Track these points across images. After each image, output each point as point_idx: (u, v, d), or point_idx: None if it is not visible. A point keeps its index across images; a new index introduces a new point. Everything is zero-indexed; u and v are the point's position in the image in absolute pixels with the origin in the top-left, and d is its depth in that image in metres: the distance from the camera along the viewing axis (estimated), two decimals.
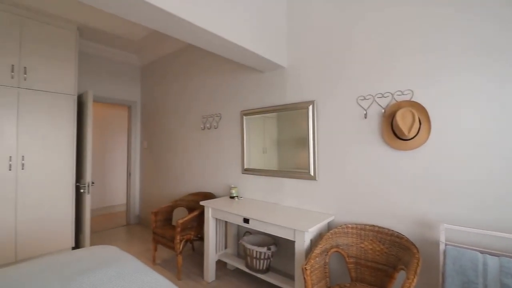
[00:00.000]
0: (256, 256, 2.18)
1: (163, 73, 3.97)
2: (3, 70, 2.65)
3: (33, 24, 2.85)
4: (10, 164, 2.68)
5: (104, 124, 5.21)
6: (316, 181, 2.20)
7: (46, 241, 2.90)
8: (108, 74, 4.08)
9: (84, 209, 3.06)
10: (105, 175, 5.21)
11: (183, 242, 2.56)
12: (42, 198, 2.88)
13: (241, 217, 2.15)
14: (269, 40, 2.25)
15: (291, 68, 2.41)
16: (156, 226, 2.82)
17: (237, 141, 2.85)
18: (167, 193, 3.80)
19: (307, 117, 2.23)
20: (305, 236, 1.76)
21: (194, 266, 2.79)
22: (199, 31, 1.74)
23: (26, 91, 2.79)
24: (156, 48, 3.93)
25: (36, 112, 2.84)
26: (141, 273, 1.34)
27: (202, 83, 3.29)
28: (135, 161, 4.40)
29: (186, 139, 3.50)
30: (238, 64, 2.85)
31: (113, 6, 1.45)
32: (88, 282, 1.26)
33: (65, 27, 3.08)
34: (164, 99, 3.94)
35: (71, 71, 3.11)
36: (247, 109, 2.75)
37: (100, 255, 1.60)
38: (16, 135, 2.72)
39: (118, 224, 4.40)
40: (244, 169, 2.73)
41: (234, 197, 2.66)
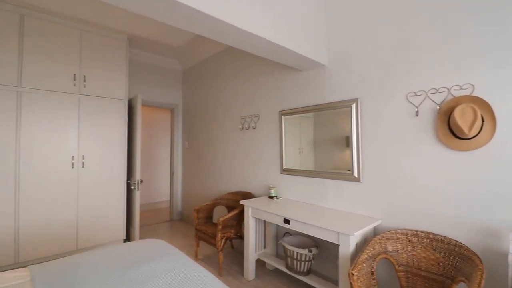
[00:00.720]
0: (296, 257, 2.15)
1: (203, 76, 4.13)
2: (67, 79, 2.98)
3: (90, 36, 3.17)
4: (72, 163, 3.00)
5: (149, 126, 5.60)
6: (360, 183, 2.10)
7: (102, 233, 3.20)
8: (153, 79, 4.36)
9: (134, 204, 3.31)
10: (150, 173, 5.59)
11: (223, 240, 2.63)
12: (99, 194, 3.18)
13: (281, 217, 2.14)
14: (308, 38, 2.20)
15: (332, 65, 2.33)
16: (198, 223, 2.94)
17: (275, 141, 2.84)
18: (207, 191, 3.94)
19: (349, 116, 2.14)
20: (350, 240, 1.69)
21: (234, 263, 2.86)
22: (240, 33, 1.77)
23: (85, 97, 3.11)
24: (196, 52, 4.10)
25: (93, 116, 3.15)
26: (191, 268, 1.41)
27: (241, 84, 3.36)
28: (178, 160, 4.64)
29: (225, 139, 3.60)
30: (277, 63, 2.84)
31: (160, 14, 1.54)
32: (143, 272, 1.36)
33: (117, 38, 3.37)
34: (203, 101, 4.09)
35: (122, 78, 3.39)
36: (285, 109, 2.73)
37: (152, 248, 1.71)
38: (77, 137, 3.04)
39: (162, 220, 4.69)
40: (282, 169, 2.72)
41: (273, 197, 2.66)
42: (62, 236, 2.93)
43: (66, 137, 2.97)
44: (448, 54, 1.69)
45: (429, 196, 1.75)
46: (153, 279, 1.28)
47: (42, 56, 2.83)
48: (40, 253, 2.79)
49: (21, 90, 2.71)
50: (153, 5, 1.42)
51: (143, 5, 1.44)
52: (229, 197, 3.18)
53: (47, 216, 2.83)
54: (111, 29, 3.27)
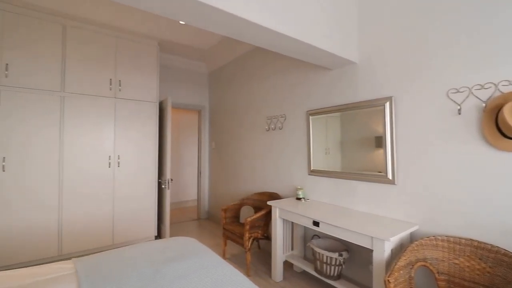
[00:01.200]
0: (326, 261, 2.10)
1: (228, 78, 4.19)
2: (104, 83, 3.17)
3: (125, 43, 3.34)
4: (109, 162, 3.19)
5: (177, 127, 5.79)
6: (395, 186, 2.00)
7: (135, 229, 3.36)
8: (181, 82, 4.50)
9: (164, 203, 3.44)
10: (178, 173, 5.78)
11: (251, 240, 2.64)
12: (132, 192, 3.35)
13: (310, 219, 2.10)
14: (339, 35, 2.14)
15: (364, 63, 2.25)
16: (226, 223, 2.99)
17: (303, 141, 2.80)
18: (233, 191, 3.99)
19: (383, 115, 2.05)
20: (385, 245, 1.61)
21: (261, 264, 2.86)
22: (269, 34, 1.76)
23: (120, 100, 3.28)
24: (222, 55, 4.17)
25: (127, 118, 3.32)
26: (222, 267, 1.43)
27: (267, 84, 3.35)
28: (205, 160, 4.75)
29: (251, 140, 3.62)
30: (305, 63, 2.80)
31: (191, 18, 1.58)
32: (177, 269, 1.41)
33: (149, 43, 3.53)
34: (229, 102, 4.15)
35: (153, 81, 3.54)
36: (313, 109, 2.68)
37: (185, 246, 1.76)
38: (113, 138, 3.23)
39: (190, 218, 4.82)
40: (310, 170, 2.67)
41: (301, 199, 2.62)
42: (99, 232, 3.12)
43: (103, 138, 3.16)
44: (494, 47, 1.55)
45: (472, 200, 1.62)
46: (187, 276, 1.32)
47: (82, 62, 3.04)
48: (80, 246, 3.00)
49: (64, 95, 2.93)
50: (189, 11, 1.47)
51: (181, 12, 1.48)
52: (255, 198, 3.19)
53: (86, 212, 3.03)
54: (144, 35, 3.43)
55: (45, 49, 2.83)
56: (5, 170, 2.60)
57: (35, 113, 2.76)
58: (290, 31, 1.77)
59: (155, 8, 1.46)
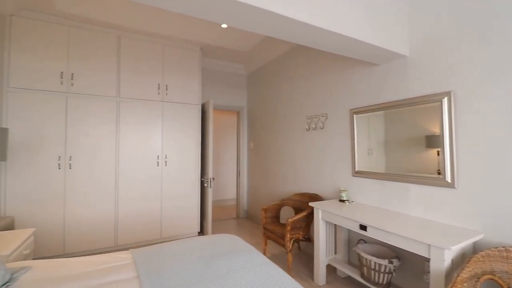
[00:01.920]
0: (374, 267, 1.98)
1: (266, 79, 4.21)
2: (153, 88, 3.41)
3: (170, 50, 3.56)
4: (158, 161, 3.42)
5: (216, 128, 5.99)
6: (454, 189, 1.81)
7: (181, 225, 3.55)
8: (221, 84, 4.64)
9: (207, 200, 3.58)
10: (217, 172, 5.98)
11: (292, 241, 2.61)
12: (178, 190, 3.55)
13: (356, 223, 2.01)
14: (387, 27, 2.01)
15: (415, 55, 2.08)
16: (266, 222, 3.00)
17: (346, 141, 2.69)
18: (272, 191, 3.99)
19: (440, 112, 1.87)
20: (445, 254, 1.47)
21: (302, 265, 2.81)
22: (314, 31, 1.73)
23: (167, 103, 3.50)
24: (260, 56, 4.20)
25: (173, 120, 3.53)
26: (267, 266, 1.44)
27: (306, 83, 3.29)
28: (243, 160, 4.84)
29: (290, 140, 3.58)
30: (349, 59, 2.69)
31: (235, 21, 1.62)
32: (224, 265, 1.45)
33: (192, 49, 3.70)
34: (267, 103, 4.16)
35: (196, 85, 3.71)
36: (357, 107, 2.56)
37: (229, 243, 1.81)
38: (161, 139, 3.45)
39: (229, 216, 4.94)
40: (355, 171, 2.55)
41: (345, 201, 2.52)
42: (149, 226, 3.36)
43: (152, 139, 3.40)
44: None
45: None
46: (233, 273, 1.35)
47: (134, 69, 3.31)
48: (133, 238, 3.26)
49: (119, 100, 3.22)
50: (233, 13, 1.51)
51: (225, 15, 1.53)
52: (295, 198, 3.15)
53: (138, 207, 3.29)
54: (188, 41, 3.61)
55: (103, 58, 3.14)
56: (71, 167, 2.94)
57: (95, 117, 3.08)
58: (335, 26, 1.72)
59: (201, 13, 1.53)
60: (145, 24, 3.16)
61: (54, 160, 2.86)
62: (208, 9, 1.47)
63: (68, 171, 2.92)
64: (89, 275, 1.37)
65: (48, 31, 2.88)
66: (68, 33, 2.97)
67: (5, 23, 2.71)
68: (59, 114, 2.90)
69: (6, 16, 2.71)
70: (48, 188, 2.83)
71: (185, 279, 1.31)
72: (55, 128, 2.88)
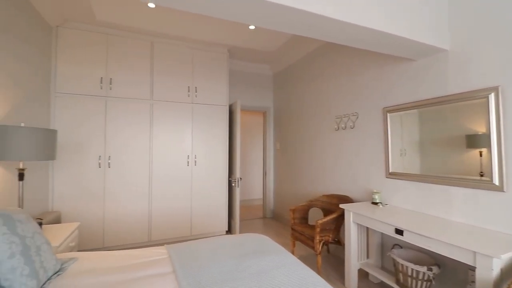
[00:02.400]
0: (411, 274, 1.88)
1: (294, 78, 4.17)
2: (183, 90, 3.54)
3: (199, 53, 3.66)
4: (188, 161, 3.53)
5: (243, 128, 6.05)
6: (503, 193, 1.66)
7: (209, 223, 3.64)
8: (247, 85, 4.69)
9: (234, 200, 3.63)
10: (244, 172, 6.04)
11: (321, 243, 2.56)
12: (207, 189, 3.64)
13: (391, 226, 1.92)
14: (426, 20, 1.90)
15: (456, 49, 1.94)
16: (295, 223, 2.97)
17: (378, 141, 2.58)
18: (299, 192, 3.95)
19: (486, 109, 1.73)
20: (493, 263, 1.35)
21: (331, 268, 2.75)
22: (346, 27, 1.68)
23: (197, 105, 3.61)
24: (286, 56, 4.17)
25: (202, 121, 3.63)
26: (300, 268, 1.42)
27: (335, 82, 3.21)
28: (270, 160, 4.84)
29: (318, 140, 3.52)
30: (380, 55, 2.58)
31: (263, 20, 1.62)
32: (254, 265, 1.46)
33: (220, 51, 3.79)
34: (294, 102, 4.12)
35: (224, 86, 3.78)
36: (391, 105, 2.45)
37: (259, 242, 1.82)
38: (191, 139, 3.57)
39: (256, 216, 4.97)
40: (388, 172, 2.44)
41: (378, 203, 2.42)
42: (180, 224, 3.48)
43: (183, 139, 3.52)
44: None
45: None
46: (269, 272, 1.36)
47: (165, 73, 3.45)
48: (165, 235, 3.40)
49: (152, 102, 3.37)
50: (265, 13, 1.52)
51: (257, 17, 1.55)
52: (324, 200, 3.09)
53: (169, 205, 3.43)
54: (215, 44, 3.69)
55: (138, 63, 3.32)
56: (110, 166, 3.14)
57: (131, 118, 3.26)
58: (369, 22, 1.66)
59: (230, 15, 1.55)
60: (176, 29, 3.28)
61: (95, 160, 3.08)
62: (238, 11, 1.49)
63: (108, 170, 3.13)
64: (129, 268, 1.46)
65: (89, 39, 3.11)
66: (106, 41, 3.18)
67: (52, 34, 2.96)
68: (99, 116, 3.11)
69: (53, 27, 2.97)
70: (89, 185, 3.05)
71: (218, 275, 1.34)
72: (96, 129, 3.09)
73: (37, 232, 1.41)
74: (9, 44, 2.15)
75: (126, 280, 1.32)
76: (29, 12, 2.48)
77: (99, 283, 1.28)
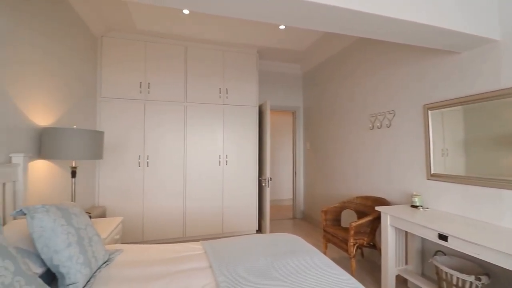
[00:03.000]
0: (457, 284, 1.75)
1: (324, 77, 4.08)
2: (215, 92, 3.64)
3: (230, 55, 3.75)
4: (219, 161, 3.63)
5: (272, 128, 6.06)
6: None
7: (240, 222, 3.71)
8: (276, 85, 4.68)
9: (265, 199, 3.65)
10: (274, 172, 6.04)
11: (355, 246, 2.48)
12: (238, 188, 3.71)
13: (434, 231, 1.80)
14: (471, 8, 1.76)
15: (509, 37, 1.77)
16: (327, 225, 2.91)
17: (418, 140, 2.43)
18: (331, 192, 3.85)
19: None
20: None
21: (366, 273, 2.64)
22: (384, 22, 1.62)
23: (227, 106, 3.70)
24: (316, 55, 4.10)
25: (233, 121, 3.71)
26: (335, 270, 1.40)
27: (370, 79, 3.09)
28: (299, 160, 4.79)
29: (351, 139, 3.40)
30: (421, 48, 2.43)
31: (294, 20, 1.61)
32: (291, 264, 1.46)
33: (250, 52, 3.84)
34: (325, 101, 4.03)
35: (254, 87, 3.82)
36: (433, 102, 2.29)
37: (291, 242, 1.82)
38: (222, 139, 3.66)
39: (286, 217, 4.95)
40: (430, 174, 2.29)
41: (418, 207, 2.28)
42: (212, 222, 3.59)
43: (214, 140, 3.63)
44: None
45: None
46: (302, 273, 1.35)
47: (198, 76, 3.59)
48: (198, 232, 3.53)
49: (186, 104, 3.52)
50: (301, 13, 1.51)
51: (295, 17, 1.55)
52: (358, 201, 2.98)
53: (202, 203, 3.55)
54: (245, 45, 3.75)
55: (173, 68, 3.49)
56: (148, 166, 3.34)
57: (167, 120, 3.44)
58: (412, 15, 1.58)
59: (261, 16, 1.57)
60: (208, 33, 3.39)
61: (135, 159, 3.29)
62: (270, 10, 1.51)
63: (146, 169, 3.33)
64: (170, 261, 1.54)
65: (129, 47, 3.34)
66: (145, 48, 3.39)
67: (98, 43, 3.23)
68: (138, 118, 3.33)
69: (98, 37, 3.23)
70: (130, 183, 3.27)
71: (252, 273, 1.37)
72: (136, 131, 3.31)
73: (89, 224, 1.55)
74: (63, 55, 2.39)
75: (168, 272, 1.40)
76: (78, 24, 2.73)
77: (144, 274, 1.38)
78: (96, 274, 1.39)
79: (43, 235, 1.21)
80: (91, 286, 1.27)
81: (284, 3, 1.40)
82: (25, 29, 1.85)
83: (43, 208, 1.28)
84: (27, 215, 1.22)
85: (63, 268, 1.24)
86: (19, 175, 1.71)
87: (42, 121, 2.09)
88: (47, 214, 1.26)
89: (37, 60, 2.00)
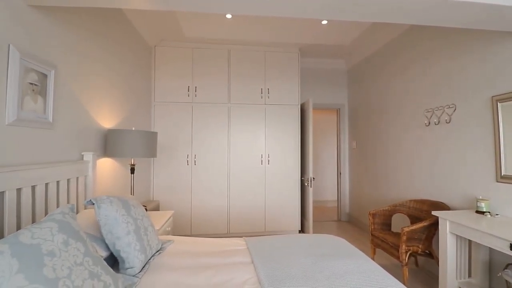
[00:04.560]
0: None
1: (371, 71, 3.84)
2: (257, 93, 3.71)
3: (271, 55, 3.77)
4: (261, 160, 3.68)
5: (315, 127, 5.91)
6: None
7: (282, 221, 3.70)
8: (319, 82, 4.56)
9: (307, 199, 3.59)
10: (317, 172, 5.89)
11: (408, 254, 2.28)
12: (280, 187, 3.71)
13: (505, 241, 1.56)
14: None
15: None
16: (375, 229, 2.74)
17: (485, 137, 2.14)
18: (379, 195, 3.61)
19: None
20: None
21: (420, 284, 2.42)
22: (447, 6, 1.46)
23: (269, 106, 3.73)
24: (364, 47, 3.87)
25: (274, 121, 3.73)
26: (384, 276, 1.31)
27: (424, 70, 2.81)
28: (344, 160, 4.59)
29: (402, 137, 3.14)
30: (483, 32, 2.13)
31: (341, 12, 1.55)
32: (334, 266, 1.41)
33: (291, 51, 3.81)
34: (374, 97, 3.79)
35: (295, 85, 3.79)
36: (504, 93, 1.99)
37: (335, 244, 1.76)
38: (264, 139, 3.70)
39: (330, 218, 4.78)
40: (500, 176, 1.99)
41: (484, 213, 2.00)
42: (255, 219, 3.66)
43: (257, 139, 3.69)
44: None
45: None
46: (344, 276, 1.30)
47: (241, 77, 3.69)
48: (241, 229, 3.62)
49: (230, 105, 3.65)
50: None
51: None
52: (411, 205, 2.74)
53: (245, 200, 3.64)
54: (286, 44, 3.74)
55: (217, 71, 3.65)
56: (195, 164, 3.55)
57: (212, 121, 3.61)
58: None
59: (305, 13, 1.55)
60: (250, 34, 3.46)
61: (184, 158, 3.53)
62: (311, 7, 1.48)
63: (194, 167, 3.54)
64: (215, 254, 1.63)
65: (178, 54, 3.59)
66: (192, 53, 3.61)
67: (151, 53, 3.54)
68: (186, 120, 3.56)
69: (152, 47, 3.54)
70: (180, 180, 3.52)
71: (293, 271, 1.36)
72: (184, 131, 3.55)
73: (145, 216, 1.71)
74: (122, 65, 2.68)
75: (214, 264, 1.48)
76: (134, 36, 3.03)
77: (193, 264, 1.47)
78: (150, 261, 1.52)
79: (107, 222, 1.38)
80: (145, 271, 1.40)
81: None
82: (91, 45, 2.13)
83: (108, 200, 1.45)
84: (95, 204, 1.40)
85: (123, 253, 1.39)
86: (89, 170, 1.98)
87: (107, 124, 2.38)
88: (111, 205, 1.43)
89: (100, 72, 2.28)
